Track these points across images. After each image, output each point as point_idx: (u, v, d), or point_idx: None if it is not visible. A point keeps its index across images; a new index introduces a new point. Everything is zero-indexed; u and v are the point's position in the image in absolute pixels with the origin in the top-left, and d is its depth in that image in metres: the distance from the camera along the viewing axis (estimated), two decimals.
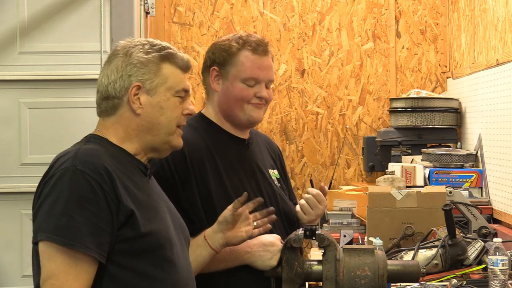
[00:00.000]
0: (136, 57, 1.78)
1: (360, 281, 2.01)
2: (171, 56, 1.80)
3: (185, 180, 2.13)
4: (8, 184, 3.38)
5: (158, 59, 1.79)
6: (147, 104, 1.78)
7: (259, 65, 2.23)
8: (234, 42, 2.24)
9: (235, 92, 2.22)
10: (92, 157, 1.68)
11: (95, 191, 1.63)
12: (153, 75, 1.78)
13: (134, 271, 1.68)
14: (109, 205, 1.64)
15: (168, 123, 1.80)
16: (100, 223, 1.62)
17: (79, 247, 1.59)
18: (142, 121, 1.78)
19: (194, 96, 4.83)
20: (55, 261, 1.60)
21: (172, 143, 1.83)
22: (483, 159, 3.84)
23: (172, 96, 1.80)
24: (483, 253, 2.68)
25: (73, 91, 3.43)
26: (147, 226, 1.69)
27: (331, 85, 4.84)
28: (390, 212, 3.00)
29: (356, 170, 4.84)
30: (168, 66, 1.80)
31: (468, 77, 4.19)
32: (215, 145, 2.22)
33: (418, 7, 4.83)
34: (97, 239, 1.62)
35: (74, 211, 1.61)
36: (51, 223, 1.61)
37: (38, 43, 3.44)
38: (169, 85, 1.79)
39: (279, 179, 2.38)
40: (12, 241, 3.39)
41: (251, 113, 2.24)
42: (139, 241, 1.67)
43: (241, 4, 4.83)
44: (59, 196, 1.62)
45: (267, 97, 2.25)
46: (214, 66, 2.25)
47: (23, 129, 3.41)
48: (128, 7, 3.45)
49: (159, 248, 1.71)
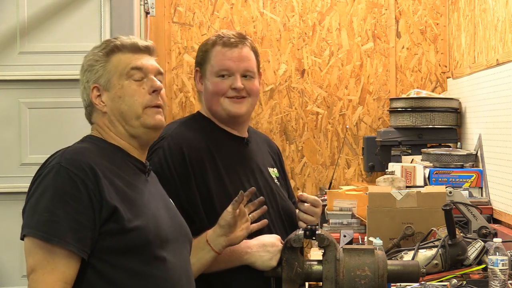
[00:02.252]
0: (86, 63, 1.84)
1: (360, 281, 2.01)
2: (116, 47, 1.82)
3: (185, 179, 2.12)
4: (8, 184, 3.38)
5: (104, 54, 1.82)
6: (108, 99, 1.81)
7: (229, 57, 2.22)
8: (210, 40, 2.27)
9: (211, 87, 2.23)
10: (77, 155, 1.71)
11: (78, 187, 1.66)
12: (102, 71, 1.81)
13: (121, 268, 1.69)
14: (91, 202, 1.66)
15: (130, 108, 1.80)
16: (82, 219, 1.65)
17: (57, 241, 1.62)
18: (110, 117, 1.82)
19: (194, 96, 4.82)
20: (34, 256, 1.64)
21: (145, 123, 1.81)
22: (483, 159, 3.84)
23: (125, 82, 1.80)
24: (483, 253, 2.68)
25: (73, 91, 3.41)
26: (132, 222, 1.70)
27: (331, 85, 4.84)
28: (390, 212, 3.00)
29: (356, 170, 4.84)
30: (116, 56, 1.82)
31: (468, 77, 4.19)
32: (214, 144, 2.22)
33: (418, 7, 4.83)
34: (78, 234, 1.64)
35: (56, 206, 1.64)
36: (34, 219, 1.65)
37: (38, 43, 3.44)
38: (119, 73, 1.81)
39: (279, 178, 2.38)
40: (12, 241, 3.38)
41: (228, 107, 2.22)
42: (125, 237, 1.69)
43: (241, 4, 4.83)
44: (44, 192, 1.66)
45: (242, 88, 2.22)
46: (197, 67, 2.29)
47: (23, 129, 3.41)
48: (128, 7, 3.45)
49: (146, 244, 1.72)
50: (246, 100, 2.24)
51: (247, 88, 2.23)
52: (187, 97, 4.83)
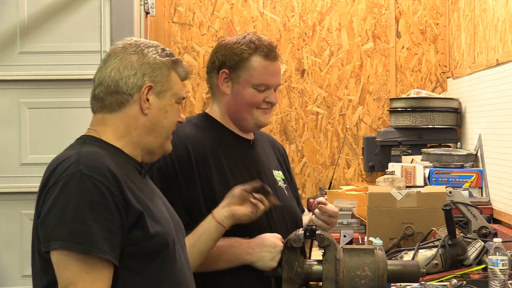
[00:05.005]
0: (152, 58, 1.78)
1: (360, 281, 2.01)
2: (178, 64, 1.83)
3: (189, 177, 2.12)
4: (8, 184, 3.39)
5: (170, 64, 1.80)
6: (155, 106, 1.78)
7: (271, 71, 2.24)
8: (245, 46, 2.23)
9: (246, 97, 2.23)
10: (95, 161, 1.66)
11: (104, 195, 1.62)
12: (164, 79, 1.79)
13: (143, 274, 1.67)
14: (118, 208, 1.63)
15: (169, 127, 1.81)
16: (112, 227, 1.62)
17: (96, 252, 1.59)
18: (147, 122, 1.78)
19: (194, 96, 4.83)
20: (71, 269, 1.59)
21: (165, 147, 1.84)
22: (483, 159, 3.84)
23: (175, 102, 1.82)
24: (483, 253, 2.68)
25: (73, 91, 3.43)
26: (154, 226, 1.69)
27: (331, 85, 4.84)
28: (390, 212, 3.00)
29: (356, 170, 4.84)
30: (174, 73, 1.82)
31: (468, 77, 4.19)
32: (220, 144, 2.22)
33: (418, 7, 4.83)
34: (111, 242, 1.61)
35: (85, 216, 1.59)
36: (64, 231, 1.59)
37: (38, 43, 3.44)
38: (174, 91, 1.81)
39: (284, 180, 2.38)
40: (12, 241, 3.39)
41: (259, 117, 2.25)
42: (148, 243, 1.67)
43: (241, 4, 4.83)
44: (68, 202, 1.61)
45: (276, 102, 2.28)
46: (224, 69, 2.23)
47: (23, 129, 3.41)
48: (128, 7, 3.45)
49: (165, 248, 1.71)
50: (270, 110, 2.29)
51: (276, 102, 2.29)
52: (187, 97, 4.83)
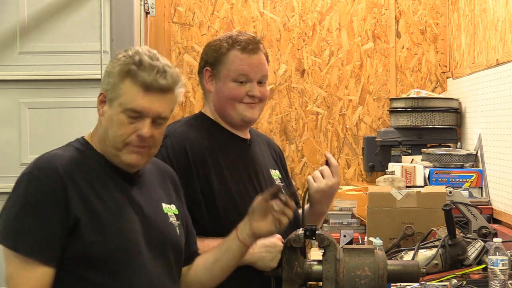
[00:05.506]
0: (110, 66, 1.79)
1: (360, 281, 2.01)
2: (133, 73, 1.74)
3: (187, 177, 2.12)
4: (8, 184, 3.32)
5: (119, 73, 1.75)
6: (106, 114, 1.78)
7: (249, 63, 2.22)
8: (224, 42, 2.25)
9: (227, 92, 2.23)
10: (49, 163, 1.71)
11: (49, 196, 1.67)
12: (112, 87, 1.76)
13: (85, 280, 1.69)
14: (61, 210, 1.67)
15: (113, 138, 1.75)
16: (52, 228, 1.66)
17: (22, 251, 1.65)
18: (101, 129, 1.80)
19: (194, 96, 4.83)
20: (11, 264, 1.67)
21: (121, 158, 1.77)
22: (483, 159, 3.84)
23: (120, 113, 1.74)
24: (483, 253, 2.68)
25: (73, 91, 3.43)
26: (92, 235, 1.69)
27: (331, 85, 4.84)
28: (390, 212, 3.00)
29: (356, 170, 4.84)
30: (128, 83, 1.74)
31: (468, 77, 4.19)
32: (217, 144, 2.22)
33: (418, 7, 4.83)
34: (48, 243, 1.66)
35: (25, 215, 1.66)
36: (6, 227, 1.68)
37: (38, 43, 3.44)
38: (121, 101, 1.74)
39: (281, 179, 2.38)
40: None
41: (243, 112, 2.24)
42: (87, 250, 1.68)
43: (241, 4, 4.83)
44: (15, 200, 1.70)
45: (259, 96, 2.24)
46: (207, 67, 2.27)
47: (23, 129, 3.42)
48: (128, 7, 3.45)
49: (108, 258, 1.70)
50: (258, 105, 2.27)
51: (261, 94, 2.25)
52: (187, 97, 4.83)
